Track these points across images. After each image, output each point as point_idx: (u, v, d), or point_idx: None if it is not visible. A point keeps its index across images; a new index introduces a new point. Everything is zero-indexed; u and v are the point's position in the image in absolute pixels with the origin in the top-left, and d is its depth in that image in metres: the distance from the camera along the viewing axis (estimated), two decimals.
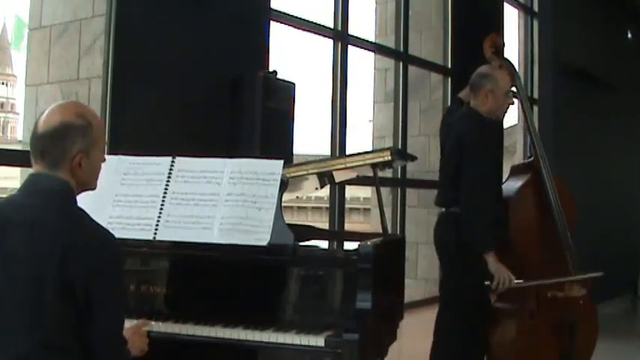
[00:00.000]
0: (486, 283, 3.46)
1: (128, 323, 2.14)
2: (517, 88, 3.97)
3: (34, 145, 1.94)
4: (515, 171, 4.02)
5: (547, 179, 3.84)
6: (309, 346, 2.42)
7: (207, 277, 2.70)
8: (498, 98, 3.69)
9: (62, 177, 1.93)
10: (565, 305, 3.77)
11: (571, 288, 3.81)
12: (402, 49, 7.22)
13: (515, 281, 3.48)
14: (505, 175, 3.99)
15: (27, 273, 1.81)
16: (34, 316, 1.79)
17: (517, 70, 4.14)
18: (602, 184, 7.22)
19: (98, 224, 1.94)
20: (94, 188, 2.07)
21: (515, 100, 3.89)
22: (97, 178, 2.06)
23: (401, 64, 7.24)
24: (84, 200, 2.01)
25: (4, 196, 2.22)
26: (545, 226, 3.82)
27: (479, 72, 3.77)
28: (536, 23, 9.02)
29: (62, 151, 1.93)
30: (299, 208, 31.03)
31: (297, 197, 3.95)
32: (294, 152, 5.11)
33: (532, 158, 3.97)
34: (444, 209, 3.74)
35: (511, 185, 3.88)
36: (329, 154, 6.08)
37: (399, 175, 7.09)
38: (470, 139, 3.57)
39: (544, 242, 3.81)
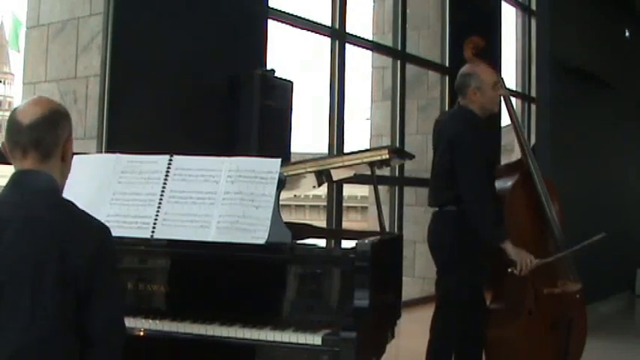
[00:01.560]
0: (509, 269, 3.47)
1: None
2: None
3: (25, 138, 1.90)
4: (502, 171, 3.96)
5: (536, 177, 3.80)
6: (306, 344, 2.42)
7: (204, 276, 2.70)
8: (486, 92, 3.69)
9: (50, 169, 1.92)
10: (562, 301, 3.77)
11: (566, 283, 3.81)
12: (399, 47, 7.23)
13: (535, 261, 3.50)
14: None
15: (26, 270, 1.81)
16: (33, 312, 1.79)
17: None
18: (600, 182, 7.22)
19: (87, 213, 1.95)
20: (64, 180, 2.05)
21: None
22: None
23: (398, 62, 7.25)
24: (81, 198, 2.01)
25: None
26: (537, 225, 3.81)
27: (461, 72, 3.78)
28: (533, 21, 9.03)
29: (56, 138, 1.93)
30: (297, 206, 31.00)
31: (295, 195, 3.96)
32: (292, 150, 5.11)
33: (520, 157, 3.93)
34: (437, 208, 3.73)
35: (500, 185, 3.84)
36: (327, 152, 6.09)
37: (397, 174, 7.10)
38: (460, 139, 3.58)
39: (537, 241, 3.79)
